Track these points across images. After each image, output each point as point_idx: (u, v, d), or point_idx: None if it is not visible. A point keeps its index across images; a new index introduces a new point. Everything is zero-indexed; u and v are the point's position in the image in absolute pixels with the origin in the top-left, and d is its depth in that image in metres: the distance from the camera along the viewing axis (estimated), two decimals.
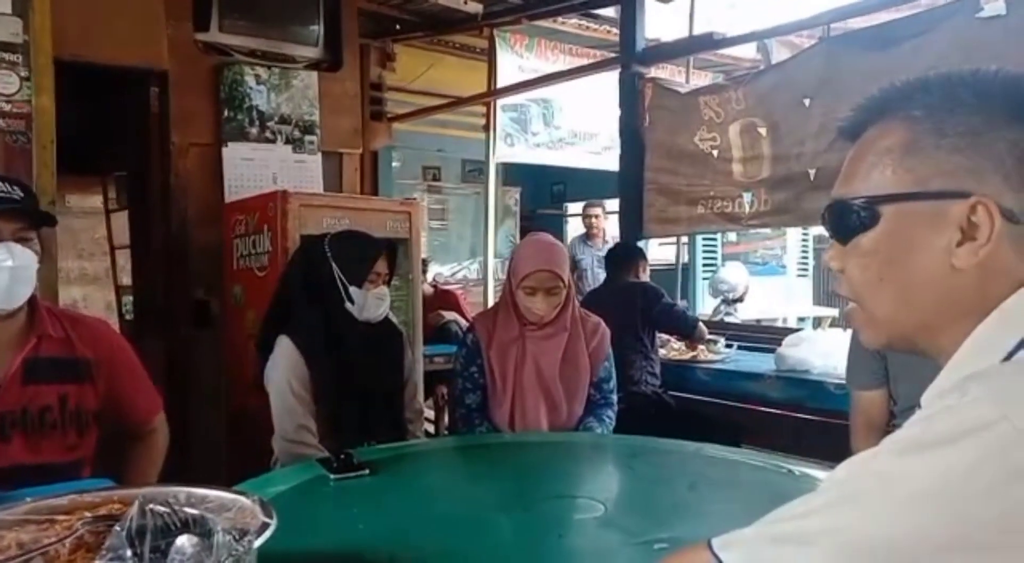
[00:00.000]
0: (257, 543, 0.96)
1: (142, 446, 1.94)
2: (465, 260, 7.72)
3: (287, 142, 3.86)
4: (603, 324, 2.47)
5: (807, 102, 3.45)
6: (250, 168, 3.75)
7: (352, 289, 2.21)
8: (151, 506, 0.88)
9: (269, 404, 2.20)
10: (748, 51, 6.38)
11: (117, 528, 0.88)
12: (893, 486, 0.60)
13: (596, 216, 6.03)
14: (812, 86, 3.44)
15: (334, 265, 2.22)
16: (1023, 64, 2.59)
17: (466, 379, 2.37)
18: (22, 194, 1.65)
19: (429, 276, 5.19)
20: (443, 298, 4.96)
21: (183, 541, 0.82)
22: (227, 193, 3.67)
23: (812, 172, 3.45)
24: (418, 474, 1.87)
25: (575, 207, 8.08)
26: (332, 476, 1.70)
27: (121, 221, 5.27)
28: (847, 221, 0.76)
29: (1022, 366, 0.65)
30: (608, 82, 4.49)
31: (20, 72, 2.70)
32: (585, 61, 5.68)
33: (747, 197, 3.72)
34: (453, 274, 7.48)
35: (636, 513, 1.57)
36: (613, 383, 2.46)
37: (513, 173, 7.75)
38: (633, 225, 4.20)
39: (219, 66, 3.76)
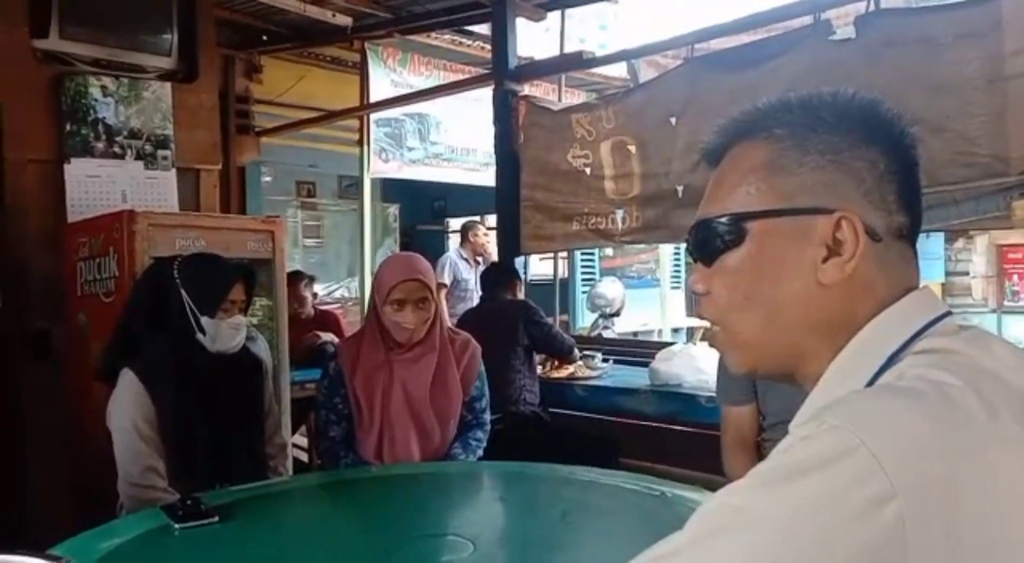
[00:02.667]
0: None
1: None
2: (343, 278, 7.50)
3: (138, 158, 3.57)
4: (473, 341, 2.40)
5: (673, 121, 3.53)
6: (96, 186, 3.46)
7: (204, 319, 2.04)
8: None
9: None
10: (620, 70, 6.51)
11: None
12: (750, 522, 0.56)
13: (485, 234, 5.81)
14: (678, 105, 3.52)
15: (183, 292, 2.06)
16: (872, 82, 2.73)
17: (330, 410, 2.24)
18: None
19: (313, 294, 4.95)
20: (322, 319, 4.75)
21: None
22: (71, 213, 3.36)
23: (680, 189, 3.52)
24: (274, 518, 1.74)
25: (457, 223, 8.02)
26: (176, 525, 1.56)
27: None
28: (712, 241, 0.75)
29: (880, 390, 0.64)
30: (485, 98, 4.47)
31: None
32: (460, 77, 5.65)
33: (619, 214, 3.77)
34: (330, 293, 7.24)
35: (507, 550, 1.50)
36: (485, 402, 2.39)
37: (392, 189, 7.62)
38: (511, 242, 4.18)
39: (60, 76, 3.45)
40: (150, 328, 2.10)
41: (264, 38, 5.34)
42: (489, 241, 5.82)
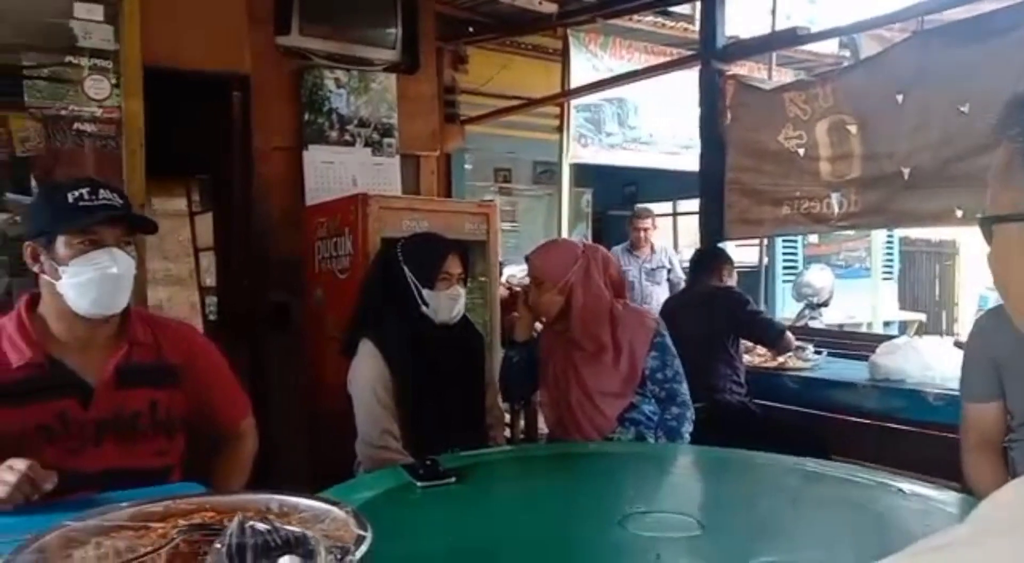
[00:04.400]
0: (356, 558, 0.92)
1: (230, 451, 1.91)
2: None
3: (366, 145, 3.87)
4: (643, 312, 2.48)
5: (900, 98, 3.29)
6: (330, 171, 3.77)
7: (425, 291, 2.20)
8: (250, 523, 0.85)
9: (350, 408, 2.19)
10: (829, 47, 6.17)
11: (217, 546, 0.86)
12: None
13: (646, 229, 5.54)
14: (906, 81, 3.27)
15: (406, 268, 2.22)
16: None
17: (521, 349, 2.48)
18: (121, 201, 1.67)
19: (503, 277, 5.12)
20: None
21: (286, 562, 0.79)
22: (307, 196, 3.70)
23: (906, 172, 3.28)
24: (503, 483, 1.83)
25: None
26: (419, 483, 1.67)
27: (205, 223, 5.39)
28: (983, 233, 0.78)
29: None
30: (684, 81, 4.39)
31: (110, 78, 2.76)
32: (660, 59, 5.57)
33: (835, 197, 3.57)
34: (525, 276, 7.42)
35: (734, 531, 1.48)
36: (671, 372, 2.37)
37: (584, 174, 7.66)
38: (714, 226, 4.09)
39: (300, 70, 3.80)
40: (384, 304, 2.27)
41: (470, 29, 5.54)
42: (645, 232, 5.52)
